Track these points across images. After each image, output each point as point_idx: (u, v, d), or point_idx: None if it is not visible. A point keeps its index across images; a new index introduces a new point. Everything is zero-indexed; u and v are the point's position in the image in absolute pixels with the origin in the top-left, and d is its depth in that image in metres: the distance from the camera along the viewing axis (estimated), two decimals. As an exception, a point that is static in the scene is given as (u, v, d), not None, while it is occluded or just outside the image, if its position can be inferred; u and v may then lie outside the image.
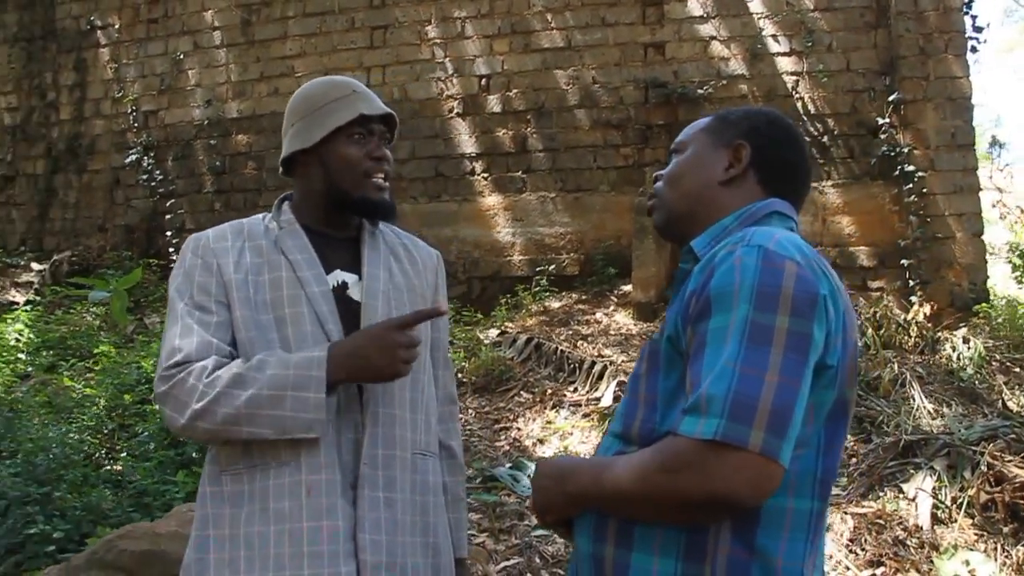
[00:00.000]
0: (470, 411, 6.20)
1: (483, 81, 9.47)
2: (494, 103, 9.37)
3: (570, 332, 7.37)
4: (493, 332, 7.70)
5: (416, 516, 1.73)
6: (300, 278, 1.73)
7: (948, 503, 4.46)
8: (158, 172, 10.40)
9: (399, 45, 9.90)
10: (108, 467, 5.10)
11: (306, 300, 1.71)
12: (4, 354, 6.93)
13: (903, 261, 7.73)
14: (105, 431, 5.52)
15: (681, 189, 1.47)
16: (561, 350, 6.75)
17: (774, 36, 8.51)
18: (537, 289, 8.46)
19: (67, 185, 10.96)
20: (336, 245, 1.83)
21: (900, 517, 4.38)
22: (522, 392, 6.40)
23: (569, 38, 9.21)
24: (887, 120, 7.96)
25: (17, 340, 7.34)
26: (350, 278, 1.80)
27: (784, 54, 8.47)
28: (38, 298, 8.90)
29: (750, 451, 1.11)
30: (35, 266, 10.04)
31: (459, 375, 6.66)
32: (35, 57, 11.41)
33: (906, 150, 7.86)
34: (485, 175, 9.34)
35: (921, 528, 4.31)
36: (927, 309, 7.05)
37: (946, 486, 4.52)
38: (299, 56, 10.46)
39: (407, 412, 1.76)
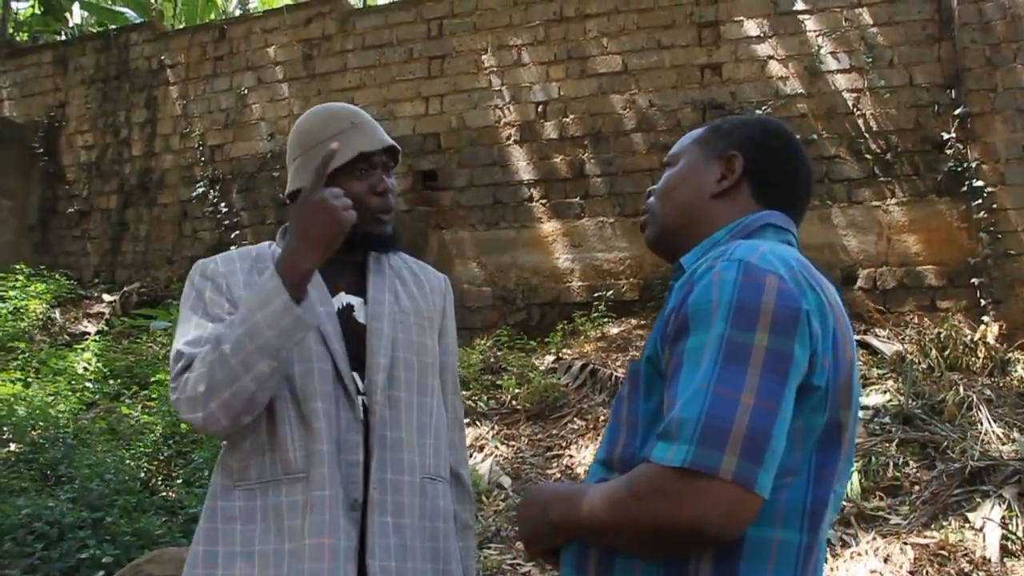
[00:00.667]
0: (523, 438, 6.15)
1: (540, 107, 9.48)
2: (551, 129, 9.37)
3: (627, 358, 7.27)
4: (548, 359, 7.64)
5: (426, 542, 1.71)
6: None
7: (1020, 534, 4.24)
8: (223, 204, 10.65)
9: (456, 74, 9.99)
10: (163, 493, 5.19)
11: None
12: (72, 383, 7.13)
13: (973, 280, 7.44)
14: (161, 457, 5.62)
15: (672, 203, 1.42)
16: (617, 376, 6.66)
17: (832, 53, 8.33)
18: (595, 315, 8.38)
19: (138, 219, 11.30)
20: (341, 269, 1.81)
21: (966, 548, 4.17)
22: (576, 419, 6.32)
23: (625, 62, 9.17)
24: (953, 135, 7.70)
25: (85, 369, 7.56)
26: (355, 301, 1.80)
27: (844, 71, 8.29)
28: (108, 328, 9.16)
29: (721, 478, 1.04)
30: (106, 297, 10.35)
31: (512, 402, 6.61)
32: (109, 97, 11.83)
33: (974, 165, 7.58)
34: (543, 201, 9.33)
35: (989, 560, 4.09)
36: (995, 329, 6.75)
37: (1017, 516, 4.30)
38: (359, 88, 10.63)
39: (415, 436, 1.74)
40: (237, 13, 14.14)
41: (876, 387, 6.00)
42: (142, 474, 5.29)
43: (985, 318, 7.15)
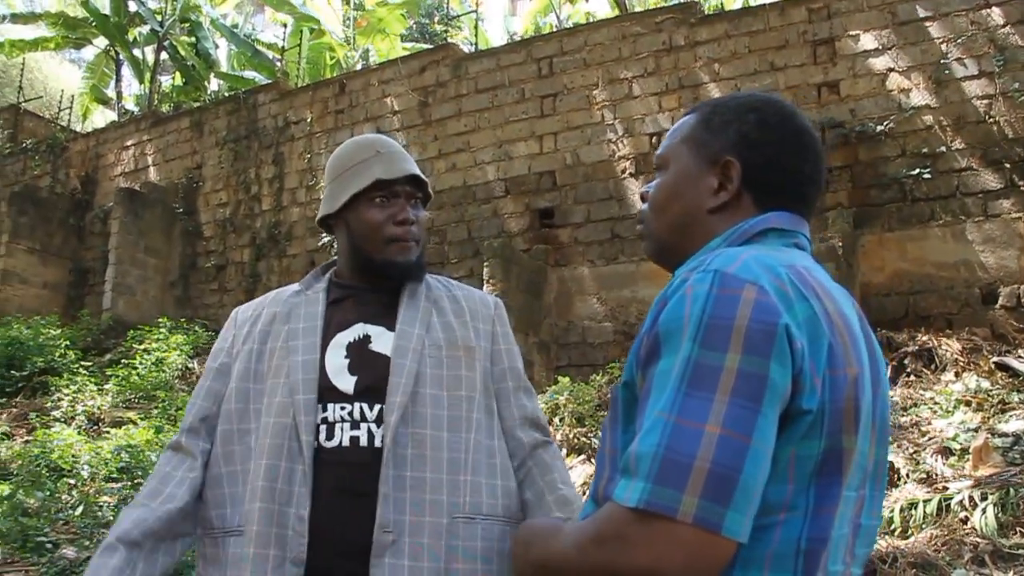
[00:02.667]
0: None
1: (653, 139, 9.38)
2: (664, 159, 9.24)
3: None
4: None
5: None
6: (289, 347, 1.72)
7: None
8: (348, 252, 10.96)
9: (568, 111, 10.02)
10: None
11: (287, 370, 1.69)
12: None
13: None
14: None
15: (666, 219, 1.27)
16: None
17: (960, 59, 7.91)
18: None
19: (269, 270, 11.77)
20: (369, 299, 1.79)
21: None
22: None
23: (738, 86, 8.98)
24: (1100, 138, 7.17)
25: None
26: (374, 331, 1.74)
27: (972, 77, 7.86)
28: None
29: (680, 521, 0.91)
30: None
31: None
32: (240, 155, 12.44)
33: (1126, 169, 7.03)
34: (659, 232, 9.18)
35: None
36: None
37: None
38: (473, 131, 10.81)
39: (443, 474, 1.64)
40: (359, 67, 14.67)
41: (1016, 412, 5.56)
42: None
43: None
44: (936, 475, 4.79)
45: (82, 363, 9.84)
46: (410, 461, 1.63)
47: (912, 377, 6.37)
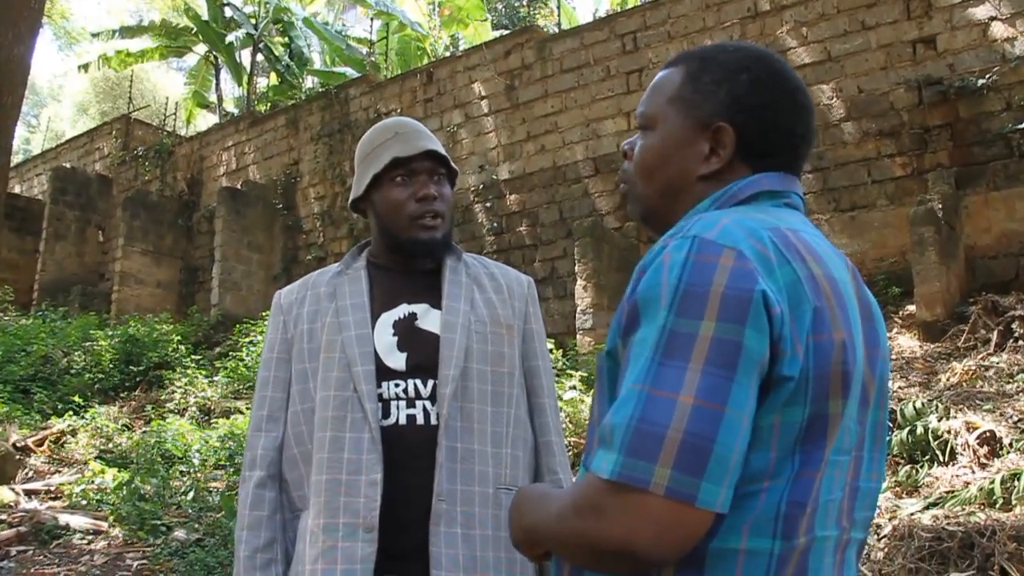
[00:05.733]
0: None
1: (741, 108, 9.17)
2: (754, 128, 9.04)
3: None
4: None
5: (500, 552, 1.66)
6: (340, 323, 1.75)
7: None
8: (441, 239, 11.11)
9: (654, 86, 9.88)
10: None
11: (340, 345, 1.72)
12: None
13: None
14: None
15: (654, 184, 1.22)
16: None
17: (1067, 4, 7.47)
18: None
19: (367, 260, 12.03)
20: (409, 279, 1.82)
21: None
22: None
23: (828, 49, 8.70)
24: None
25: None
26: (419, 308, 1.78)
27: (1082, 23, 7.41)
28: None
29: (652, 493, 0.90)
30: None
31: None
32: (335, 149, 12.74)
33: None
34: (752, 203, 8.99)
35: None
36: None
37: None
38: (561, 112, 10.79)
39: (488, 447, 1.70)
40: (447, 55, 14.82)
41: None
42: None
43: None
44: (1044, 443, 4.57)
45: (193, 357, 10.30)
46: (460, 433, 1.68)
47: (1020, 342, 6.07)
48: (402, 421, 1.69)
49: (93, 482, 6.36)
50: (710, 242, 0.99)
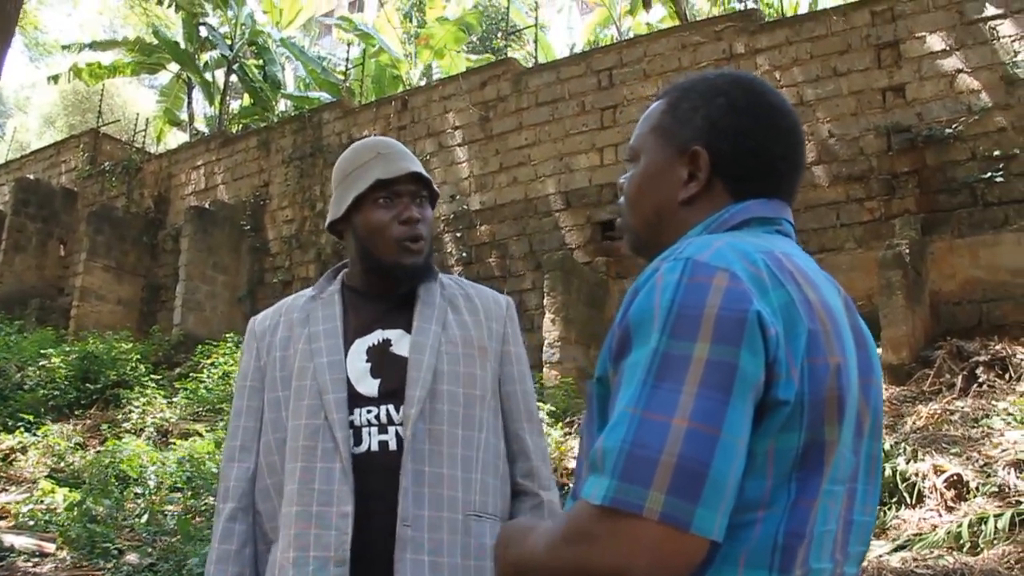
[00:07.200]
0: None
1: (713, 147, 9.27)
2: (725, 168, 9.14)
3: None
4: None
5: None
6: (312, 349, 1.71)
7: None
8: (410, 266, 11.06)
9: (628, 123, 9.97)
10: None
11: (312, 372, 1.69)
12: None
13: None
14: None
15: (640, 213, 1.23)
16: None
17: (1032, 59, 7.66)
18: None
19: (334, 285, 11.94)
20: (384, 304, 1.78)
21: None
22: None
23: (800, 94, 8.83)
24: None
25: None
26: (393, 334, 1.74)
27: (1046, 78, 7.59)
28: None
29: (646, 519, 0.88)
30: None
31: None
32: (306, 172, 12.67)
33: None
34: (721, 242, 9.07)
35: None
36: None
37: None
38: (534, 144, 10.83)
39: (458, 471, 1.64)
40: (422, 83, 14.84)
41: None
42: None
43: None
44: (1009, 489, 4.59)
45: (152, 376, 10.10)
46: (428, 457, 1.63)
47: (984, 387, 6.14)
48: (374, 448, 1.64)
49: (42, 502, 6.17)
50: (703, 264, 0.97)
